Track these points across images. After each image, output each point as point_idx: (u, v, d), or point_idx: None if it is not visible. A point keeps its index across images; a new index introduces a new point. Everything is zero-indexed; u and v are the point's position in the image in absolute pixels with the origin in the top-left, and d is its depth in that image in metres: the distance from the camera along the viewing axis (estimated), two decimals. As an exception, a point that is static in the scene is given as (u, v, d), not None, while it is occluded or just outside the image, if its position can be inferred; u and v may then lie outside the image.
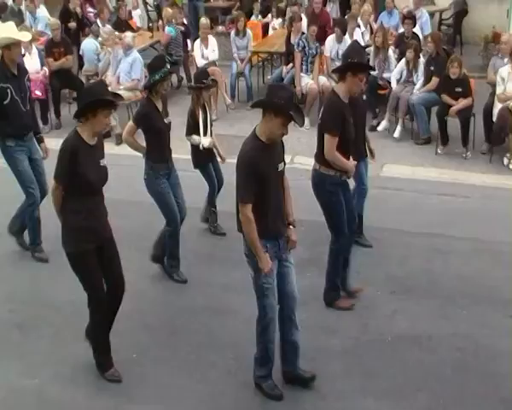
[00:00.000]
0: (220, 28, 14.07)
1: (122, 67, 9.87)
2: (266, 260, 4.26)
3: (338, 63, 8.93)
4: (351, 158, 5.31)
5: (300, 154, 8.08)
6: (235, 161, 4.32)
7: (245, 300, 5.00)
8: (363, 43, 10.19)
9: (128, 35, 10.15)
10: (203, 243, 6.70)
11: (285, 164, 4.46)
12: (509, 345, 4.97)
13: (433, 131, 9.07)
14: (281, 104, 4.14)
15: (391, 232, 6.72)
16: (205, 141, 6.61)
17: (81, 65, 11.17)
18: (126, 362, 4.89)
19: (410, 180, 8.05)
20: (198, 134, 6.61)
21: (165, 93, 5.91)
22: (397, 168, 8.45)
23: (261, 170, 4.17)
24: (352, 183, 5.89)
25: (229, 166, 7.20)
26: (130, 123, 5.87)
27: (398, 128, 9.37)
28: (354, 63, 5.20)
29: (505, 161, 8.40)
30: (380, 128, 9.56)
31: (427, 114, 9.18)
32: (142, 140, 5.91)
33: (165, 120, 5.85)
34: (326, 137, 5.15)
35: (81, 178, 4.39)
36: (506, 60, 8.59)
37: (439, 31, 12.35)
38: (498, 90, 8.39)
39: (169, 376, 4.80)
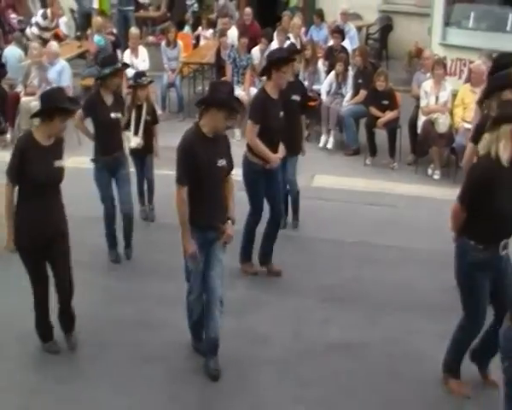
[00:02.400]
0: (150, 39, 13.96)
1: (50, 77, 9.63)
2: (190, 244, 4.50)
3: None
4: (280, 151, 5.77)
5: (235, 165, 8.08)
6: (167, 172, 4.33)
7: (178, 312, 4.95)
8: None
9: (53, 44, 9.94)
10: (135, 255, 6.58)
11: (229, 165, 4.68)
12: (434, 350, 5.11)
13: (362, 143, 9.29)
14: (223, 98, 4.42)
15: (322, 242, 6.81)
16: (133, 141, 6.80)
17: (3, 73, 10.79)
18: (55, 378, 4.75)
19: (340, 190, 8.20)
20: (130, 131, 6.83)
21: (118, 91, 6.20)
22: (327, 179, 8.59)
23: (198, 158, 4.41)
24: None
25: (164, 179, 7.21)
26: (80, 110, 6.05)
27: (331, 140, 9.53)
28: (275, 59, 5.63)
29: (429, 171, 8.68)
30: (321, 144, 9.61)
31: (355, 125, 9.40)
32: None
33: (113, 115, 6.00)
34: (248, 123, 5.66)
35: (28, 176, 4.54)
36: (428, 75, 8.90)
37: (366, 45, 12.67)
38: (422, 103, 8.68)
39: (100, 392, 4.68)
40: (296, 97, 6.57)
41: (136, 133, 6.78)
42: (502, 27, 9.83)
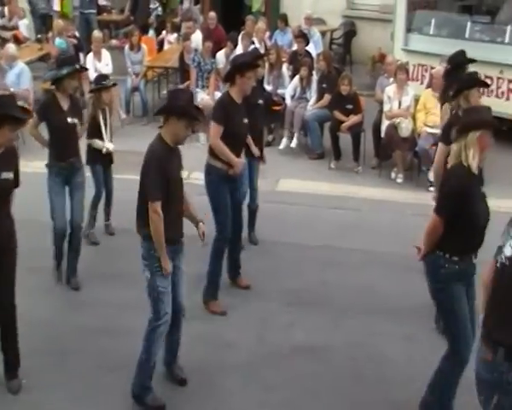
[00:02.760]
0: (114, 42, 13.84)
1: (9, 80, 9.45)
2: (168, 261, 4.32)
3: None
4: (242, 157, 5.67)
5: (197, 170, 8.05)
6: (129, 177, 4.26)
7: (141, 319, 4.88)
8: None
9: (11, 46, 9.76)
10: (97, 261, 6.50)
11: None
12: (397, 352, 5.17)
13: (327, 147, 9.35)
14: (183, 107, 4.31)
15: (286, 246, 6.83)
16: (109, 145, 6.69)
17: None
18: (14, 389, 4.65)
19: (305, 194, 8.23)
20: (99, 138, 6.64)
21: (75, 95, 6.01)
22: (291, 183, 8.62)
23: (168, 171, 4.32)
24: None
25: (124, 183, 7.15)
26: (35, 116, 5.87)
27: (295, 140, 9.58)
28: (239, 64, 5.55)
29: (393, 175, 8.77)
30: (281, 147, 9.65)
31: (320, 129, 9.45)
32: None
33: (70, 120, 5.78)
34: (211, 124, 5.51)
35: None
36: (391, 80, 9.01)
37: (330, 50, 12.78)
38: (385, 108, 8.78)
39: (62, 402, 4.58)
40: (261, 102, 6.66)
41: (102, 138, 6.66)
42: (461, 34, 10.00)
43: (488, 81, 9.13)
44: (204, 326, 5.12)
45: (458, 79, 5.80)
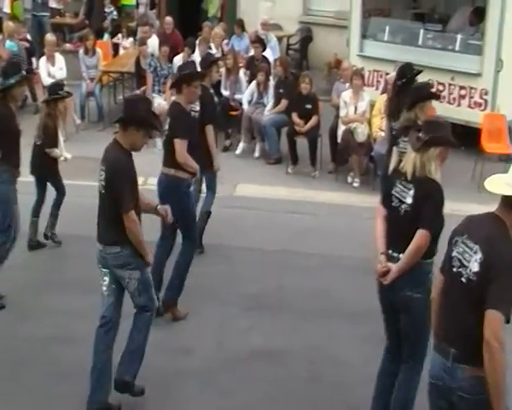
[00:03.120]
0: (68, 46, 13.64)
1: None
2: (150, 252, 4.51)
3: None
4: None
5: (153, 175, 7.98)
6: (84, 183, 4.20)
7: (94, 326, 4.80)
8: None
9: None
10: (49, 269, 6.38)
11: None
12: (355, 354, 5.21)
13: (284, 152, 9.39)
14: (142, 117, 4.30)
15: (244, 250, 6.82)
16: (67, 154, 6.68)
17: None
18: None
19: (262, 199, 8.25)
20: (57, 147, 6.60)
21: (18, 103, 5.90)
22: (249, 188, 8.62)
23: (135, 178, 4.38)
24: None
25: (76, 189, 7.04)
26: None
27: (257, 147, 9.60)
28: (186, 74, 5.54)
29: (349, 179, 8.87)
30: (238, 152, 9.69)
31: (277, 134, 9.49)
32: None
33: (19, 126, 5.75)
34: (177, 141, 5.41)
35: None
36: (347, 85, 9.11)
37: (287, 55, 12.86)
38: (341, 113, 8.87)
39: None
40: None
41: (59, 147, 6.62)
42: (414, 41, 10.19)
43: (440, 87, 9.36)
44: (161, 332, 5.06)
45: (413, 90, 5.89)
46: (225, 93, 10.05)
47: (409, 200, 3.99)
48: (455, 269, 3.25)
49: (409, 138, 4.59)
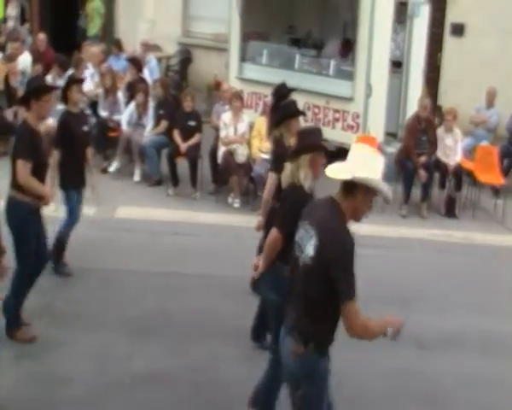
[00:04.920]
0: None
1: None
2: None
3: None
4: (47, 184, 5.52)
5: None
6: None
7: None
8: (91, 87, 10.19)
9: None
10: None
11: None
12: (239, 373, 5.25)
13: (164, 173, 9.35)
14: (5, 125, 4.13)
15: (125, 273, 6.70)
16: None
17: None
18: None
19: (143, 221, 8.15)
20: None
21: None
22: (130, 210, 8.49)
23: None
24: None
25: None
26: None
27: (137, 171, 9.47)
28: (34, 88, 5.33)
29: (230, 200, 8.98)
30: (111, 169, 9.54)
31: (157, 156, 9.43)
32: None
33: None
34: (18, 162, 5.18)
35: None
36: (227, 107, 9.26)
37: (167, 76, 12.85)
38: (222, 134, 8.98)
39: None
40: (87, 128, 6.56)
41: None
42: (291, 65, 10.56)
43: (316, 110, 9.75)
44: (34, 363, 4.80)
45: (280, 108, 6.07)
46: (103, 114, 9.87)
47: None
48: (296, 253, 3.46)
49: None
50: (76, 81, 6.81)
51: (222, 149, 8.92)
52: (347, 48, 10.40)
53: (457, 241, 8.42)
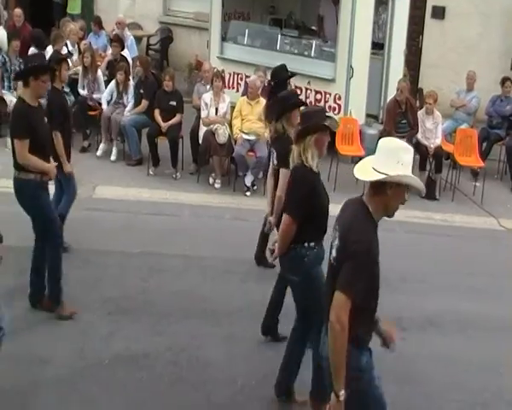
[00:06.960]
0: None
1: None
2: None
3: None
4: (51, 160, 5.51)
5: (4, 177, 7.57)
6: None
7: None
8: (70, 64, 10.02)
9: None
10: None
11: None
12: (218, 353, 5.26)
13: (145, 153, 9.27)
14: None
15: (105, 254, 6.66)
16: None
17: None
18: None
19: (123, 201, 8.09)
20: None
21: None
22: (109, 190, 8.43)
23: None
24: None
25: None
26: None
27: (114, 150, 9.37)
28: (34, 66, 5.34)
29: (211, 180, 8.94)
30: (99, 153, 9.42)
31: (138, 135, 9.35)
32: None
33: None
34: (15, 142, 5.24)
35: None
36: (208, 87, 9.18)
37: (147, 55, 12.71)
38: (203, 114, 8.91)
39: None
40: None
41: None
42: (273, 46, 10.49)
43: (298, 91, 9.72)
44: (13, 344, 4.74)
45: (279, 100, 5.93)
46: (83, 92, 9.74)
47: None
48: (328, 254, 3.46)
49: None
50: (65, 59, 6.73)
51: (203, 130, 8.86)
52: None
53: (437, 223, 8.50)
